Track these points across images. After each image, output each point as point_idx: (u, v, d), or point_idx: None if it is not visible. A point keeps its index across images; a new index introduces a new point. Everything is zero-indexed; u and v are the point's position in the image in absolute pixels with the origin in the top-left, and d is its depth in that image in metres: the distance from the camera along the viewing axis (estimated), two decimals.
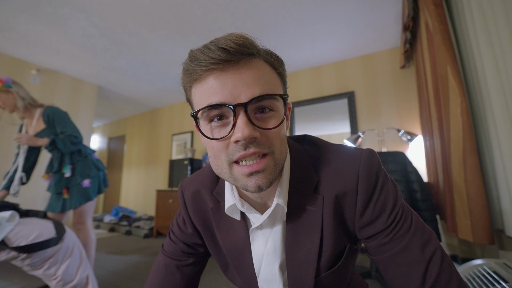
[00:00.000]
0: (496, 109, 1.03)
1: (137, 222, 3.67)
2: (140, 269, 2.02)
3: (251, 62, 0.36)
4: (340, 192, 0.40)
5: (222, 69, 0.34)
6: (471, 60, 1.27)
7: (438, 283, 0.35)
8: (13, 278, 1.25)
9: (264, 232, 0.45)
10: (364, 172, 0.39)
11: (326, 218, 0.40)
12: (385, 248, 0.39)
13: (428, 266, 0.36)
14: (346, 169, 0.40)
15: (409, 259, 0.37)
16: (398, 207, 0.40)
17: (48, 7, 2.01)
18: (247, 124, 0.34)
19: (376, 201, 0.39)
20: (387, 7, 2.04)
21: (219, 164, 0.38)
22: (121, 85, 3.53)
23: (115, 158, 5.27)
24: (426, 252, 0.37)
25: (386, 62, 2.66)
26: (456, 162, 1.25)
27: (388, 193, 0.40)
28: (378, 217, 0.39)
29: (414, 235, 0.38)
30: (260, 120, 0.37)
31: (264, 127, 0.36)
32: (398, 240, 0.38)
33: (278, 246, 0.44)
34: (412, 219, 0.40)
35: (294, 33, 2.38)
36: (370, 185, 0.39)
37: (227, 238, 0.47)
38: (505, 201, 1.05)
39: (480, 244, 1.55)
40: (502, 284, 0.82)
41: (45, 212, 1.34)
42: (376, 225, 0.39)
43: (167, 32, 2.35)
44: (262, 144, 0.36)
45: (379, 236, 0.39)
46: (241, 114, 0.34)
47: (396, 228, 0.38)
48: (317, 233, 0.41)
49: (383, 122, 2.60)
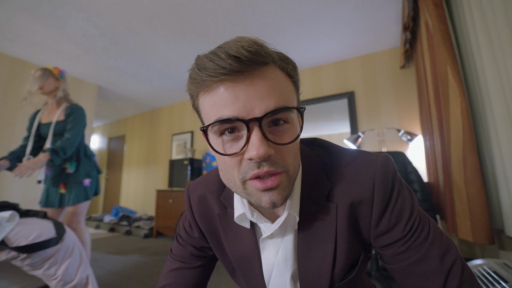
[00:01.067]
0: (496, 109, 1.03)
1: (137, 222, 3.67)
2: (140, 269, 2.02)
3: (266, 71, 0.33)
4: (355, 200, 0.38)
5: (233, 79, 0.31)
6: (471, 60, 1.27)
7: None
8: (13, 278, 1.25)
9: (275, 241, 0.43)
10: (380, 179, 0.38)
11: (340, 227, 0.39)
12: (402, 257, 0.37)
13: (447, 277, 0.34)
14: (361, 177, 0.38)
15: (427, 269, 0.35)
16: (415, 215, 0.38)
17: (48, 7, 2.01)
18: (262, 141, 0.32)
19: (393, 210, 0.38)
20: (387, 7, 2.05)
21: (231, 179, 0.37)
22: (121, 85, 3.53)
23: (115, 158, 5.27)
24: (445, 262, 0.35)
25: (386, 62, 2.66)
26: (456, 162, 1.25)
27: (404, 201, 0.38)
28: (394, 225, 0.38)
29: (432, 245, 0.36)
30: (275, 133, 0.34)
31: (279, 142, 0.34)
32: (416, 249, 0.36)
33: (289, 255, 0.42)
34: (430, 227, 0.38)
35: (294, 33, 2.38)
36: (387, 193, 0.38)
37: (234, 246, 0.46)
38: (505, 201, 1.05)
39: (480, 244, 1.56)
40: (502, 284, 0.82)
41: (45, 212, 1.34)
42: (393, 234, 0.38)
43: (167, 32, 2.35)
44: (276, 162, 0.34)
45: (395, 245, 0.38)
46: (255, 129, 0.32)
47: (413, 236, 0.37)
48: (331, 243, 0.39)
49: (383, 122, 2.60)
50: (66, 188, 1.61)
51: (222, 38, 1.53)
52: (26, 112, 2.81)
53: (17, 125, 2.75)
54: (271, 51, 0.35)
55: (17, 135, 2.73)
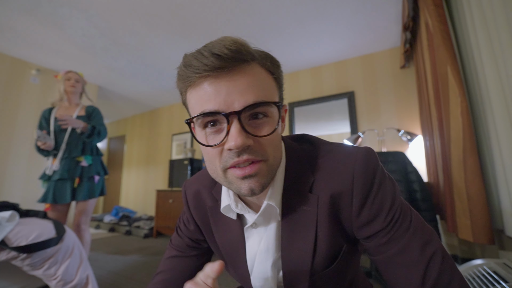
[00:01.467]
0: (496, 109, 1.03)
1: (137, 222, 3.67)
2: (140, 269, 2.02)
3: (246, 68, 0.36)
4: (335, 192, 0.40)
5: (216, 76, 0.34)
6: (471, 60, 1.27)
7: (438, 284, 0.35)
8: (13, 278, 1.25)
9: (259, 230, 0.46)
10: (360, 171, 0.39)
11: (321, 218, 0.40)
12: (384, 248, 0.39)
13: (427, 267, 0.35)
14: (342, 169, 0.40)
15: (408, 260, 0.36)
16: (396, 206, 0.39)
17: (48, 7, 2.01)
18: (240, 132, 0.34)
19: (373, 201, 0.39)
20: (387, 7, 2.05)
21: (214, 169, 0.39)
22: (121, 85, 3.53)
23: (115, 158, 5.27)
24: (426, 252, 0.36)
25: (386, 62, 2.66)
26: (456, 162, 1.25)
27: (385, 192, 0.39)
28: (375, 217, 0.39)
29: (413, 235, 0.37)
30: (254, 127, 0.37)
31: (257, 134, 0.36)
32: (397, 240, 0.38)
33: (271, 244, 0.44)
34: (412, 218, 0.39)
35: (294, 33, 2.38)
36: (366, 185, 0.39)
37: (223, 236, 0.49)
38: (505, 201, 1.05)
39: (480, 244, 1.55)
40: (502, 284, 0.82)
41: (45, 212, 1.34)
42: (374, 225, 0.39)
43: (167, 32, 2.35)
44: (255, 151, 0.36)
45: (377, 236, 0.39)
46: (234, 122, 0.35)
47: (394, 227, 0.38)
48: (312, 232, 0.41)
49: (383, 122, 2.60)
50: (80, 182, 1.63)
51: None
52: (26, 112, 2.81)
53: (17, 125, 2.75)
54: (252, 50, 0.37)
55: (17, 135, 2.73)
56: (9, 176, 2.63)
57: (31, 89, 2.89)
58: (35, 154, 2.84)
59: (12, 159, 2.68)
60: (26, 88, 2.84)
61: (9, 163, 2.65)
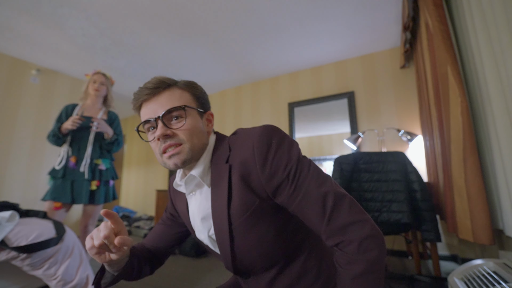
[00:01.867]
0: (496, 109, 1.03)
1: (137, 222, 3.67)
2: None
3: (166, 91, 0.56)
4: (242, 159, 0.52)
5: (149, 99, 0.56)
6: (471, 60, 1.27)
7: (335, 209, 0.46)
8: (13, 278, 1.25)
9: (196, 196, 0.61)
10: (257, 141, 0.51)
11: (234, 179, 0.53)
12: (293, 198, 0.49)
13: (325, 199, 0.47)
14: (246, 143, 0.53)
15: (311, 199, 0.47)
16: (294, 161, 0.50)
17: (48, 7, 2.01)
18: (162, 127, 0.53)
19: (272, 161, 0.50)
20: (387, 7, 2.05)
21: (157, 156, 0.57)
22: (121, 85, 3.53)
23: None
24: (321, 189, 0.48)
25: (386, 62, 2.66)
26: (456, 162, 1.25)
27: (282, 152, 0.51)
28: (276, 171, 0.50)
29: (311, 180, 0.49)
30: (174, 124, 0.55)
31: (174, 127, 0.55)
32: (300, 187, 0.49)
33: (203, 204, 0.58)
34: (310, 169, 0.50)
35: (294, 33, 2.38)
36: (264, 149, 0.51)
37: (180, 206, 0.67)
38: (505, 201, 1.05)
39: (480, 244, 1.55)
40: (502, 284, 0.82)
41: (45, 212, 1.34)
42: (276, 177, 0.50)
43: (167, 32, 2.35)
44: (174, 138, 0.54)
45: (284, 188, 0.50)
46: (159, 122, 0.54)
47: (295, 177, 0.49)
48: (226, 190, 0.53)
49: (383, 122, 2.60)
50: (99, 185, 1.63)
51: (222, 38, 1.57)
52: (26, 112, 2.81)
53: (17, 125, 2.75)
54: (173, 80, 0.58)
55: (17, 135, 2.73)
56: (9, 176, 2.63)
57: (31, 89, 2.89)
58: (35, 154, 2.84)
59: (12, 159, 2.68)
60: (26, 88, 2.84)
61: (9, 163, 2.66)
